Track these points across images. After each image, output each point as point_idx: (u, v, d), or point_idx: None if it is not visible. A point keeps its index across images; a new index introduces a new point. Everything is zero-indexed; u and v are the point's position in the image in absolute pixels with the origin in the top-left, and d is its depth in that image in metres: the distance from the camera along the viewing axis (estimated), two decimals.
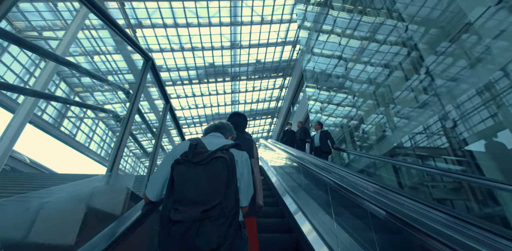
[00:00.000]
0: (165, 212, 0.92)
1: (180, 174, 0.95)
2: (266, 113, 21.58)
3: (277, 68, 16.09)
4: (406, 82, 3.47)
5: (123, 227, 0.88)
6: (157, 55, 13.28)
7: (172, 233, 0.87)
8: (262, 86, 17.77)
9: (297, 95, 15.19)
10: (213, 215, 0.88)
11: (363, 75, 4.81)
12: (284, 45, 13.98)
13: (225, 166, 0.97)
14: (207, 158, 0.98)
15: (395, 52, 3.80)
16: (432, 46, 3.06)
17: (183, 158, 0.99)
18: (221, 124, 1.33)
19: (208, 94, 17.56)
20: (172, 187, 0.95)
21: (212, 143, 1.10)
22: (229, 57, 14.43)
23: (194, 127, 21.79)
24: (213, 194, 0.91)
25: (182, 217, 0.87)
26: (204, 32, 12.37)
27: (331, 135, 4.80)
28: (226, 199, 0.92)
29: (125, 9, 10.41)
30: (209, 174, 0.94)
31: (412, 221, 0.99)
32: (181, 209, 0.89)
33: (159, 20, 11.41)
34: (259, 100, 19.34)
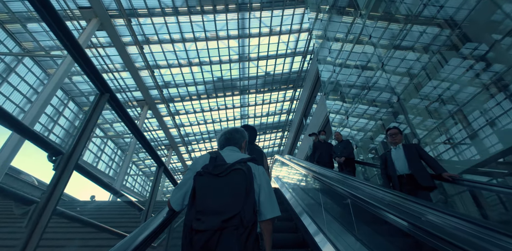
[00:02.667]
0: (188, 221, 0.95)
1: (202, 185, 1.01)
2: (277, 127, 20.74)
3: (287, 80, 15.52)
4: None
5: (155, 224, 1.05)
6: (165, 71, 13.05)
7: (194, 242, 0.89)
8: (272, 99, 17.14)
9: (309, 107, 14.37)
10: (232, 225, 0.89)
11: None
12: (294, 56, 13.49)
13: (243, 178, 1.00)
14: (227, 170, 1.03)
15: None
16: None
17: (204, 170, 1.05)
18: (231, 136, 1.33)
19: (217, 109, 17.06)
20: (194, 197, 1.00)
21: (230, 156, 1.15)
22: (237, 71, 14.03)
23: (203, 143, 21.14)
24: (232, 204, 0.93)
25: (204, 226, 0.90)
26: (211, 46, 12.10)
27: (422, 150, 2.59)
28: (245, 210, 0.93)
29: (132, 26, 10.30)
30: (228, 185, 0.98)
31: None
32: (203, 219, 0.92)
33: (166, 36, 11.24)
34: (269, 114, 18.63)
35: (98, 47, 11.13)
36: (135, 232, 0.95)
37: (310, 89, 13.11)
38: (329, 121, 11.09)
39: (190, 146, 20.96)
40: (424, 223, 1.16)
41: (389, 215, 1.36)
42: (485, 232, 1.04)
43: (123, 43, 10.79)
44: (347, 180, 2.63)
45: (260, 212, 1.03)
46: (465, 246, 0.87)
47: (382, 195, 1.96)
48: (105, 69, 12.24)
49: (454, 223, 1.20)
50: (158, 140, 19.04)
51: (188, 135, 19.36)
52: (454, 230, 1.17)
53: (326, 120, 10.97)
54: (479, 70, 2.67)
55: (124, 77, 13.01)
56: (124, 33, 10.59)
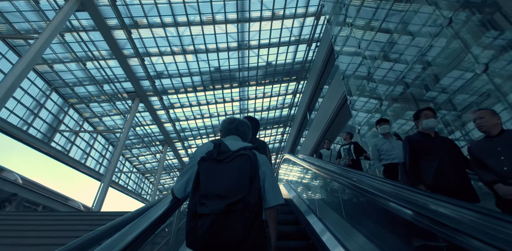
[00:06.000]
0: (191, 206, 0.94)
1: (206, 170, 1.00)
2: (278, 122, 19.69)
3: (290, 71, 14.39)
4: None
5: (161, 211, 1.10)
6: (156, 59, 11.90)
7: (199, 226, 0.89)
8: (274, 92, 16.03)
9: (314, 101, 13.31)
10: (237, 209, 0.88)
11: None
12: (298, 44, 12.33)
13: (248, 163, 0.99)
14: (231, 156, 1.02)
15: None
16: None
17: (208, 156, 1.04)
18: (243, 129, 1.33)
19: (214, 102, 15.97)
20: (198, 182, 0.99)
21: (233, 144, 1.14)
22: (236, 60, 12.89)
23: (200, 139, 20.11)
24: (237, 189, 0.92)
25: (208, 210, 0.89)
26: (207, 31, 10.93)
27: None
28: (250, 195, 0.92)
29: (117, 6, 9.11)
30: (233, 170, 0.97)
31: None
32: (207, 203, 0.91)
33: (157, 19, 10.06)
34: (270, 108, 17.55)
35: (81, 31, 9.96)
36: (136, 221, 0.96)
37: (316, 82, 12.02)
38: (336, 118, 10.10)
39: (186, 142, 19.93)
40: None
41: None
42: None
43: (108, 27, 9.63)
44: None
45: (265, 199, 1.02)
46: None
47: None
48: (90, 57, 11.09)
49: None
50: (152, 135, 17.98)
51: (184, 130, 18.31)
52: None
53: (333, 116, 9.94)
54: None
55: (112, 66, 11.86)
56: (108, 15, 9.40)
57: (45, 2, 8.66)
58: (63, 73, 11.86)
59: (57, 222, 3.27)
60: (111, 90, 13.12)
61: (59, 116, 13.24)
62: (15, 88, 6.38)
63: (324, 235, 2.09)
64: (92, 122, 15.59)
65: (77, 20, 9.53)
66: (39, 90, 11.85)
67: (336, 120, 10.30)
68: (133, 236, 0.86)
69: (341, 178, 1.93)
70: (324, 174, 2.39)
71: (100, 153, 17.08)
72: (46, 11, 8.98)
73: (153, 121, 15.90)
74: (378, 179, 1.52)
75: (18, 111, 10.95)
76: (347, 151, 3.84)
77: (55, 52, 10.77)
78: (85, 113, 14.74)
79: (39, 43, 6.94)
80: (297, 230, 2.72)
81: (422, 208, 1.05)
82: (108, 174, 11.25)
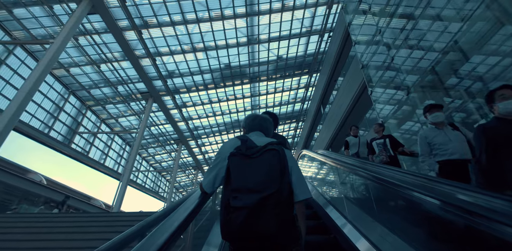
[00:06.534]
0: (224, 200, 0.96)
1: (236, 165, 1.01)
2: (290, 117, 19.41)
3: (302, 64, 14.03)
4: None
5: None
6: (167, 58, 11.95)
7: (233, 219, 0.90)
8: (285, 86, 15.74)
9: (328, 94, 12.94)
10: (270, 202, 0.89)
11: None
12: (309, 35, 11.94)
13: (277, 158, 1.01)
14: (259, 151, 1.03)
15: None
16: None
17: (237, 151, 1.05)
18: (266, 125, 1.35)
19: (226, 99, 15.92)
20: (229, 177, 1.00)
21: (258, 140, 1.16)
22: (246, 56, 12.70)
23: (213, 136, 20.25)
24: (269, 183, 0.93)
25: (242, 203, 0.90)
26: (217, 27, 10.80)
27: None
28: (282, 188, 0.94)
29: (127, 7, 9.14)
30: (263, 165, 0.98)
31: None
32: (240, 196, 0.92)
33: (166, 17, 10.03)
34: (282, 103, 17.31)
35: (93, 33, 10.12)
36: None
37: (329, 74, 11.64)
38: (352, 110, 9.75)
39: (199, 140, 20.12)
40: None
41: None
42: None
43: (119, 28, 9.71)
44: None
45: (293, 193, 1.02)
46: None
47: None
48: (104, 59, 11.29)
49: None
50: (167, 134, 18.27)
51: (197, 128, 18.46)
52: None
53: (350, 108, 9.59)
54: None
55: (125, 67, 12.03)
56: (119, 16, 9.46)
57: (59, 6, 8.82)
58: (79, 76, 12.17)
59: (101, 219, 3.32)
60: (125, 91, 13.35)
61: (77, 119, 13.68)
62: (34, 92, 6.55)
63: (346, 229, 2.00)
64: (109, 124, 16.02)
65: (89, 23, 9.67)
66: (57, 94, 12.25)
67: (352, 113, 9.94)
68: (179, 222, 0.95)
69: (389, 179, 1.51)
70: (362, 173, 1.97)
71: (117, 153, 17.59)
72: (60, 15, 9.15)
73: (167, 120, 16.12)
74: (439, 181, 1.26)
75: (39, 115, 11.39)
76: (382, 146, 3.36)
77: (71, 56, 11.03)
78: (102, 115, 15.15)
79: (55, 48, 7.07)
80: (317, 224, 2.64)
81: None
82: (126, 173, 11.53)
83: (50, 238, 2.61)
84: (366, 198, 2.14)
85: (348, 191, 2.56)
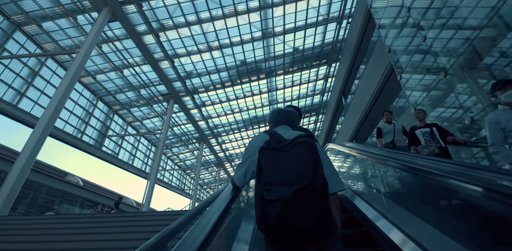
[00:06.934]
0: (258, 193, 0.97)
1: (267, 159, 1.01)
2: (310, 110, 19.02)
3: (319, 55, 13.59)
4: None
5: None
6: (184, 59, 12.17)
7: (268, 212, 0.90)
8: (303, 79, 15.39)
9: (349, 84, 12.46)
10: (305, 194, 0.89)
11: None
12: (326, 24, 11.48)
13: (309, 150, 0.99)
14: (289, 144, 1.02)
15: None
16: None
17: (267, 145, 1.05)
18: (292, 118, 1.36)
19: (243, 96, 15.95)
20: (261, 171, 1.00)
21: (286, 134, 1.16)
22: (261, 50, 12.56)
23: (233, 134, 20.47)
24: (302, 176, 0.93)
25: (277, 196, 0.90)
26: (230, 24, 10.75)
27: None
28: (316, 180, 0.93)
29: (144, 12, 9.37)
30: (295, 158, 0.98)
31: None
32: (274, 189, 0.92)
33: (181, 19, 10.17)
34: (300, 97, 16.97)
35: (115, 40, 10.54)
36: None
37: (350, 62, 11.17)
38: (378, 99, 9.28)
39: (220, 138, 20.45)
40: None
41: None
42: None
43: (138, 33, 10.01)
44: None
45: (328, 185, 1.02)
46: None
47: None
48: (126, 64, 11.76)
49: None
50: (188, 133, 18.78)
51: (216, 127, 18.76)
52: None
53: (375, 97, 9.15)
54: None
55: (146, 71, 12.45)
56: (137, 21, 9.75)
57: (82, 17, 9.27)
58: (105, 82, 12.81)
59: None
60: (148, 94, 13.85)
61: (106, 123, 14.47)
62: (65, 100, 6.92)
63: (379, 222, 1.91)
64: (134, 126, 16.79)
65: (110, 31, 10.08)
66: (87, 100, 13.02)
67: (378, 102, 9.49)
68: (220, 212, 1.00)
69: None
70: (421, 172, 1.56)
71: (144, 154, 18.42)
72: (83, 25, 9.63)
73: (188, 120, 16.54)
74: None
75: (72, 121, 12.19)
76: (429, 136, 2.91)
77: (96, 64, 11.62)
78: (128, 118, 15.90)
79: (80, 56, 7.41)
80: (346, 217, 2.57)
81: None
82: (153, 172, 12.04)
83: (96, 239, 2.74)
84: (403, 191, 1.99)
85: (381, 183, 2.39)
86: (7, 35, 9.27)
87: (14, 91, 9.50)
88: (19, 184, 5.41)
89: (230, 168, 27.14)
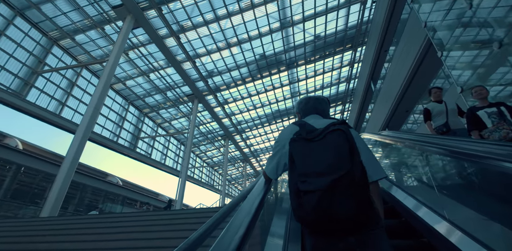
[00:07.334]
0: (292, 185, 0.95)
1: (298, 150, 0.98)
2: (335, 100, 18.30)
3: (343, 40, 12.89)
4: None
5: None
6: (205, 59, 12.32)
7: (305, 202, 0.88)
8: (326, 67, 14.77)
9: (378, 68, 11.68)
10: (343, 184, 0.86)
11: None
12: (349, 5, 10.79)
13: (343, 137, 0.94)
14: (321, 133, 0.98)
15: None
16: None
17: (297, 136, 1.01)
18: (321, 106, 1.30)
19: (264, 91, 15.81)
20: (293, 163, 0.98)
21: (317, 123, 1.11)
22: (280, 42, 12.24)
23: (256, 129, 20.52)
24: (338, 165, 0.89)
25: (312, 187, 0.87)
26: (248, 18, 10.60)
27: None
28: (354, 169, 0.88)
29: (164, 15, 9.59)
30: (328, 146, 0.94)
31: None
32: (309, 180, 0.90)
33: (199, 18, 10.24)
34: (324, 86, 16.37)
35: (139, 46, 10.98)
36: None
37: (378, 45, 10.42)
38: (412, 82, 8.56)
39: (244, 134, 20.63)
40: None
41: None
42: None
43: (160, 37, 10.30)
44: None
45: (367, 173, 0.96)
46: None
47: None
48: (151, 69, 12.23)
49: None
50: (214, 131, 19.22)
51: (240, 123, 18.93)
52: None
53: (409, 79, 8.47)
54: None
55: (170, 73, 12.85)
56: (158, 25, 10.02)
57: (109, 27, 9.76)
58: (134, 87, 13.50)
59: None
60: (173, 96, 14.34)
61: (138, 126, 15.32)
62: (100, 106, 7.37)
63: (421, 212, 1.80)
64: (164, 127, 17.57)
65: (135, 37, 10.50)
66: (119, 105, 13.85)
67: (412, 85, 8.78)
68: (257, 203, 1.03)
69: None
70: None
71: (174, 153, 19.27)
72: (111, 34, 10.14)
73: (212, 118, 16.89)
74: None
75: (108, 125, 13.08)
76: (498, 117, 2.40)
77: (125, 70, 12.25)
78: (157, 120, 16.68)
79: (110, 64, 7.83)
80: (385, 208, 2.37)
81: None
82: (183, 170, 12.52)
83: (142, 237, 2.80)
84: (449, 179, 1.77)
85: (424, 173, 2.13)
86: (46, 51, 10.12)
87: (56, 102, 10.39)
88: (66, 185, 5.85)
89: (256, 163, 27.39)
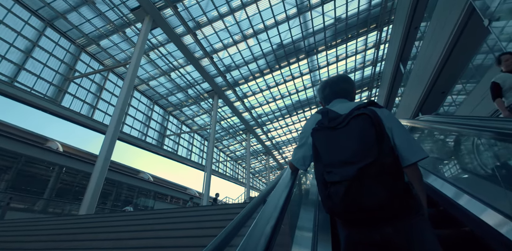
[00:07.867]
0: (318, 175, 0.93)
1: (321, 139, 0.95)
2: (361, 85, 17.37)
3: (366, 20, 12.00)
4: None
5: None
6: (222, 53, 12.25)
7: (332, 193, 0.85)
8: (349, 51, 13.95)
9: (408, 48, 10.76)
10: (372, 172, 0.81)
11: None
12: None
13: (369, 122, 0.87)
14: (344, 120, 0.92)
15: None
16: None
17: (319, 125, 0.98)
18: (338, 88, 1.17)
19: (283, 81, 15.44)
20: (318, 153, 0.95)
21: (342, 108, 1.03)
22: (298, 29, 11.72)
23: (277, 121, 20.31)
24: (364, 152, 0.83)
25: (338, 177, 0.85)
26: (262, 7, 10.24)
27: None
28: (382, 155, 0.82)
29: (180, 13, 9.59)
30: (352, 133, 0.88)
31: None
32: (335, 170, 0.86)
33: (214, 12, 10.11)
34: (348, 71, 15.54)
35: (159, 46, 11.19)
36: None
37: (406, 22, 9.54)
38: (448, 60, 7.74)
39: (265, 127, 20.55)
40: None
41: None
42: None
43: (177, 35, 10.38)
44: None
45: (401, 157, 0.88)
46: None
47: None
48: (171, 68, 12.47)
49: None
50: (235, 126, 19.38)
51: (260, 116, 18.83)
52: None
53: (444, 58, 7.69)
54: None
55: (190, 71, 13.02)
56: (175, 24, 10.07)
57: (129, 29, 10.02)
58: (157, 87, 13.92)
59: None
60: (194, 93, 14.58)
61: (163, 124, 15.91)
62: (126, 107, 7.61)
63: (462, 200, 1.67)
64: (187, 124, 18.08)
65: (154, 38, 10.69)
66: (145, 106, 14.43)
67: (448, 64, 7.96)
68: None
69: None
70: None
71: (199, 148, 19.85)
72: (131, 37, 10.42)
73: (233, 113, 16.98)
74: None
75: (136, 125, 13.71)
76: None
77: (147, 71, 12.64)
78: (181, 117, 17.18)
79: (132, 66, 8.03)
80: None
81: None
82: (208, 165, 12.83)
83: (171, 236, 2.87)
84: (492, 164, 1.54)
85: (467, 159, 1.90)
86: (75, 58, 10.72)
87: (88, 105, 11.06)
88: (100, 183, 6.17)
89: (279, 155, 27.33)
